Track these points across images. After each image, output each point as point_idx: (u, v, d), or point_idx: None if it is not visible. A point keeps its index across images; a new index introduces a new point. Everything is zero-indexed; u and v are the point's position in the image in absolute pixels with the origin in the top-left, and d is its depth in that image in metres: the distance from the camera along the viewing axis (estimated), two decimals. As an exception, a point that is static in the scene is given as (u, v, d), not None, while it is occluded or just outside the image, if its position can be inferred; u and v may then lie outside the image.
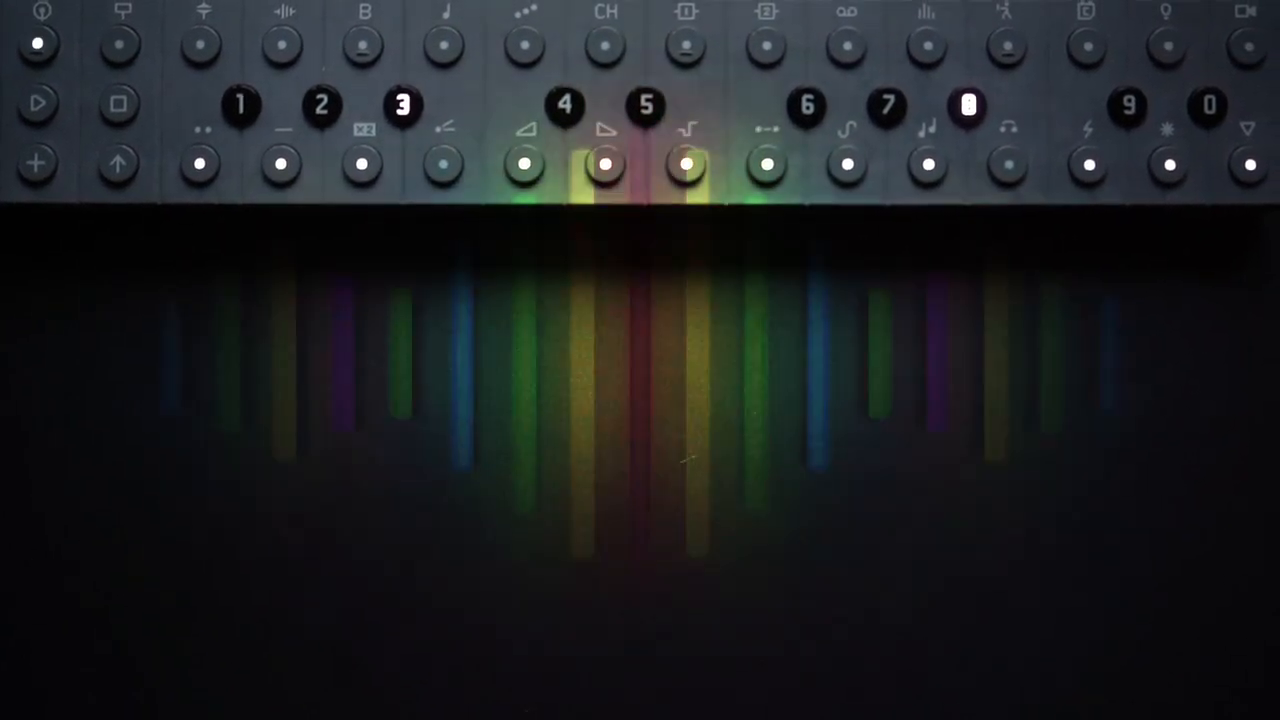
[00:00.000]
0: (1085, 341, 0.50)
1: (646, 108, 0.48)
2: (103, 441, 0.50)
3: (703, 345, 0.50)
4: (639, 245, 0.50)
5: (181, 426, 0.50)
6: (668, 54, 0.49)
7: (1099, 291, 0.51)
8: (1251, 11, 0.49)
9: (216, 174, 0.48)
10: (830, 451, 0.50)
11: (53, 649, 0.50)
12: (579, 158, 0.48)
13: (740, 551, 0.50)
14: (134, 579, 0.50)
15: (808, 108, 0.48)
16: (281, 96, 0.48)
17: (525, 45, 0.48)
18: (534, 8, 0.49)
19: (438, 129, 0.48)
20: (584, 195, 0.48)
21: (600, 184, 0.48)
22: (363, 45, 0.48)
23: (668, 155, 0.48)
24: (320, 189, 0.48)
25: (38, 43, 0.48)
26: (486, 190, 0.48)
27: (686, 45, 0.48)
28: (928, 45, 0.49)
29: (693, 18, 0.49)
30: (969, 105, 0.48)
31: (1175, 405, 0.51)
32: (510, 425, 0.50)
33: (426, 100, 0.48)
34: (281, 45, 0.48)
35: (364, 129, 0.48)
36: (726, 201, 0.48)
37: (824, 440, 0.50)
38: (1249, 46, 0.48)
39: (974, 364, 0.50)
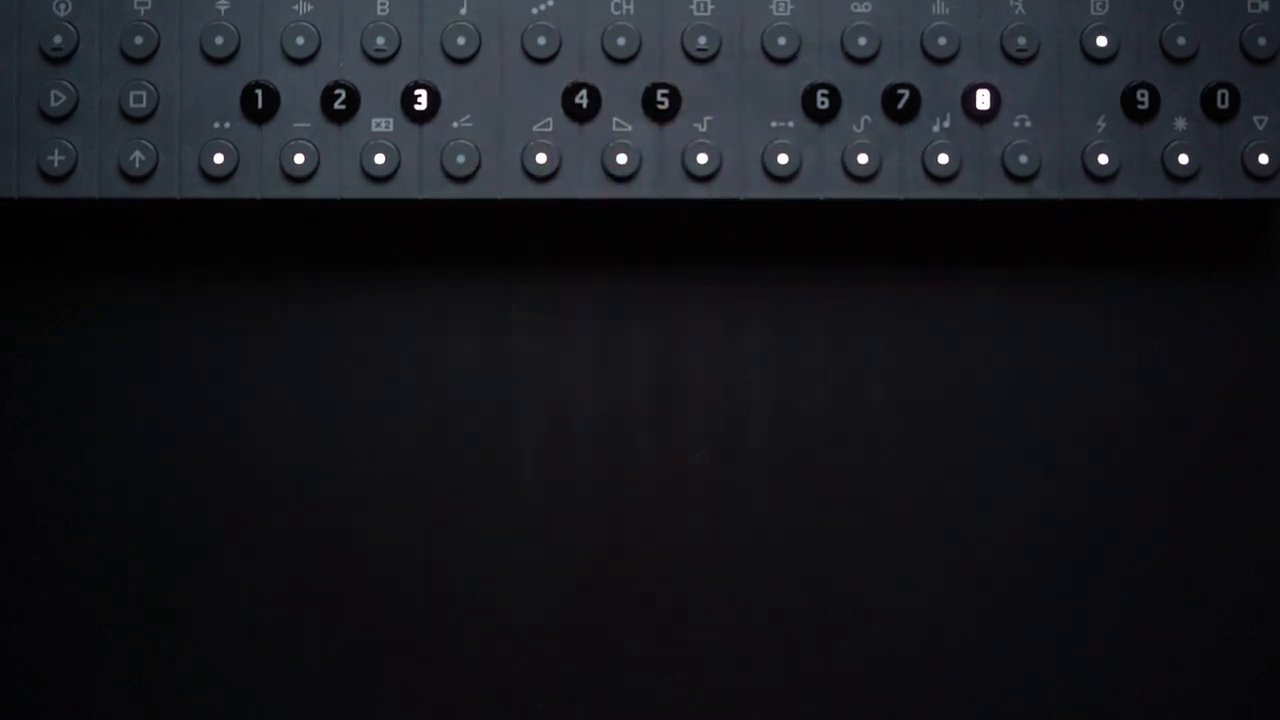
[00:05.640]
0: (1094, 337, 0.51)
1: (662, 103, 0.49)
2: (106, 438, 0.50)
3: (708, 342, 0.51)
4: (650, 240, 0.51)
5: (185, 423, 0.50)
6: (684, 49, 0.49)
7: (1108, 286, 0.51)
8: (1264, 6, 0.49)
9: (235, 169, 0.49)
10: (830, 451, 0.50)
11: (53, 649, 0.50)
12: (595, 153, 0.49)
13: (741, 551, 0.50)
14: (135, 579, 0.50)
15: (823, 103, 0.49)
16: (300, 92, 0.49)
17: (542, 41, 0.49)
18: (551, 3, 0.49)
19: (455, 124, 0.49)
20: (599, 190, 0.49)
21: (615, 178, 0.49)
22: (380, 41, 0.49)
23: (683, 150, 0.49)
24: (338, 184, 0.49)
25: (58, 39, 0.49)
26: (503, 185, 0.49)
27: (702, 41, 0.49)
28: (942, 40, 0.49)
29: (708, 13, 0.49)
30: (983, 100, 0.49)
31: (1185, 401, 0.51)
32: (510, 423, 0.50)
33: (444, 95, 0.49)
34: (300, 41, 0.49)
35: (382, 124, 0.49)
36: (741, 196, 0.49)
37: (825, 439, 0.50)
38: (1262, 41, 0.49)
39: (974, 363, 0.51)
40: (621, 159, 0.49)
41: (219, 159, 0.48)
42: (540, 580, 0.50)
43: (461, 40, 0.49)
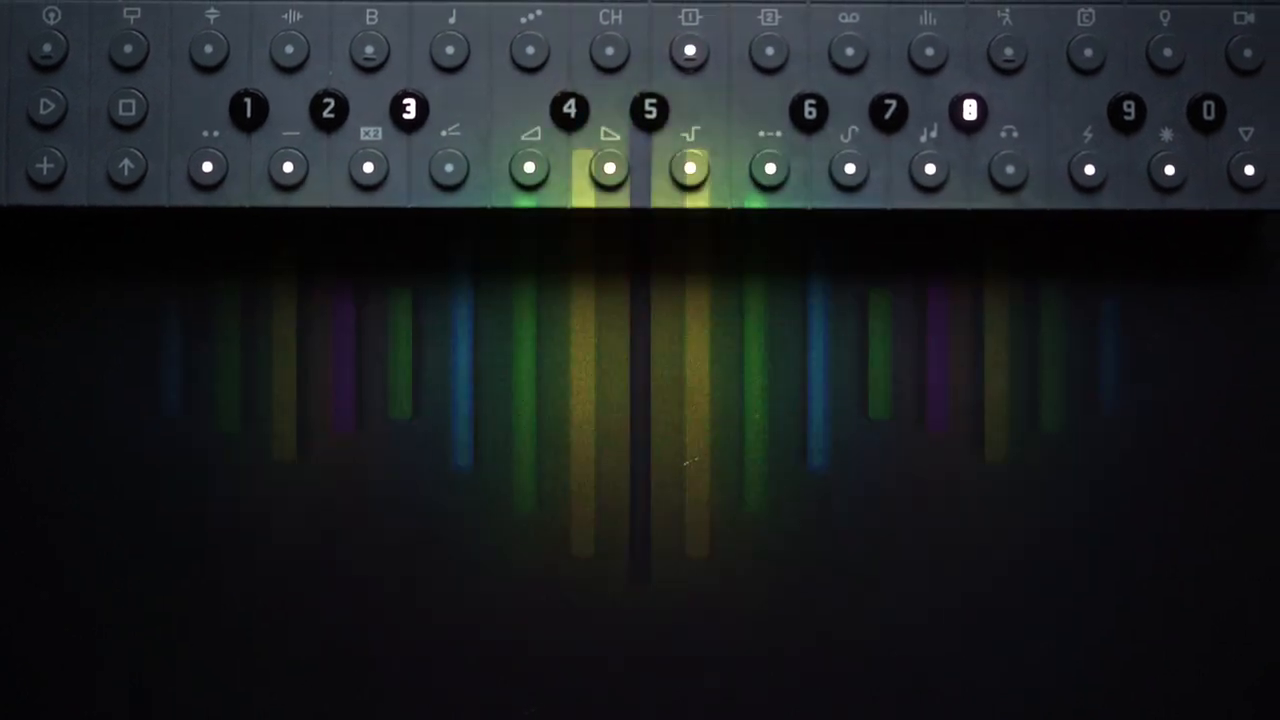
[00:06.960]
0: (1085, 344, 0.51)
1: (650, 112, 0.49)
2: (104, 441, 0.50)
3: (703, 347, 0.51)
4: (641, 248, 0.51)
5: (182, 426, 0.50)
6: (671, 59, 0.49)
7: (1099, 295, 0.51)
8: (1250, 18, 0.49)
9: (224, 177, 0.49)
10: (830, 452, 0.51)
11: (52, 649, 0.50)
12: (583, 161, 0.49)
13: (740, 551, 0.51)
14: (134, 579, 0.50)
15: (810, 113, 0.49)
16: (289, 100, 0.49)
17: (530, 50, 0.49)
18: (539, 13, 0.49)
19: (443, 133, 0.49)
20: (587, 199, 0.49)
21: (604, 188, 0.49)
22: (369, 50, 0.49)
23: (671, 159, 0.49)
24: (327, 192, 0.49)
25: (47, 47, 0.49)
26: (491, 194, 0.49)
27: (690, 50, 0.49)
28: (929, 51, 0.49)
29: (696, 23, 0.49)
30: (970, 110, 0.49)
31: (1174, 408, 0.51)
32: (510, 425, 0.51)
33: (432, 104, 0.49)
34: (289, 50, 0.49)
35: (370, 133, 0.49)
36: (729, 205, 0.49)
37: (824, 441, 0.51)
38: (1247, 53, 0.49)
39: (974, 365, 0.51)
40: (610, 168, 0.49)
41: (208, 167, 0.49)
42: (536, 584, 0.51)
43: (450, 49, 0.49)
